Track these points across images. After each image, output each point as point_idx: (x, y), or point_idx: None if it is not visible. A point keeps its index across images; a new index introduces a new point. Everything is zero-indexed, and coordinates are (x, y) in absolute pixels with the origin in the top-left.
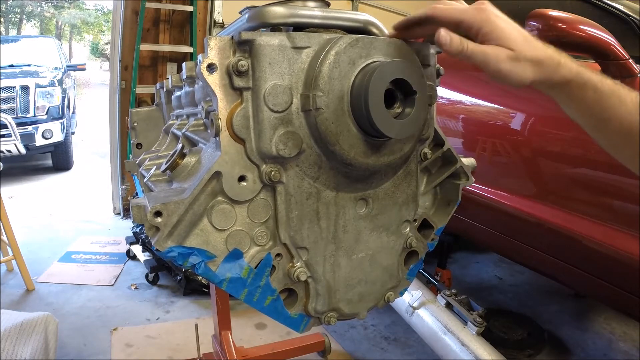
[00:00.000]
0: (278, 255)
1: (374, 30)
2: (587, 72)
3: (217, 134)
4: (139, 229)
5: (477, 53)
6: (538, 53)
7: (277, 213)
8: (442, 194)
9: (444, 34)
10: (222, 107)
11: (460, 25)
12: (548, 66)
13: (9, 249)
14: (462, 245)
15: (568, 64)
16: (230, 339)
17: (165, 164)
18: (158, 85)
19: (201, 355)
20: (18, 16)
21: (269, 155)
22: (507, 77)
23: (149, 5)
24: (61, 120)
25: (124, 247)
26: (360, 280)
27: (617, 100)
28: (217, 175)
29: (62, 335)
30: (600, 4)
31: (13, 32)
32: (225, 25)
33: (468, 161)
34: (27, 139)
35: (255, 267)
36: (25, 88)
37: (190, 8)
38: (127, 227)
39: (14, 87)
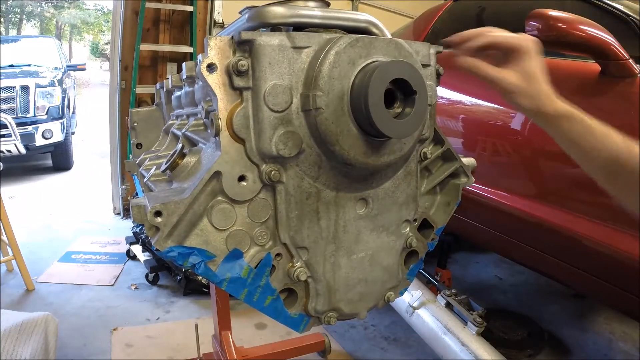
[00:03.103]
0: (278, 255)
1: (374, 31)
2: (577, 111)
3: (217, 134)
4: (139, 229)
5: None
6: (541, 88)
7: (277, 213)
8: (442, 193)
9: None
10: (222, 107)
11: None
12: (543, 100)
13: (9, 249)
14: (462, 245)
15: (560, 104)
16: (230, 339)
17: (165, 164)
18: (158, 85)
19: (201, 355)
20: (18, 16)
21: (269, 155)
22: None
23: (149, 5)
24: (61, 120)
25: (124, 247)
26: (360, 280)
27: (604, 132)
28: (217, 175)
29: (62, 335)
30: (600, 4)
31: (13, 32)
32: (225, 25)
33: (468, 161)
34: (27, 139)
35: (255, 267)
36: (25, 88)
37: (190, 8)
38: (127, 227)
39: (14, 87)
